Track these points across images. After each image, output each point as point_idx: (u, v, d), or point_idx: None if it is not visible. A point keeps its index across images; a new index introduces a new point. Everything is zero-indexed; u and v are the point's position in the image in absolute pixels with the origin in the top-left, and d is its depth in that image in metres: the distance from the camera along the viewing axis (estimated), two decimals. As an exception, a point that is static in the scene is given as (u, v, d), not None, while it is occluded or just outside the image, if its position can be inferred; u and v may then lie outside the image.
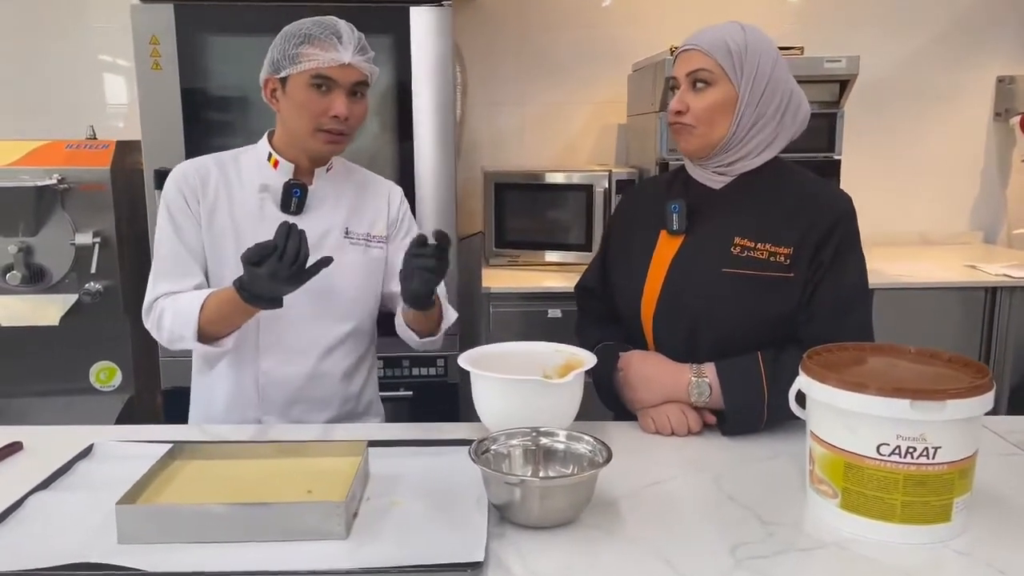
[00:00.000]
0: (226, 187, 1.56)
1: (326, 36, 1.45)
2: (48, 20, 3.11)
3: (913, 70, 3.31)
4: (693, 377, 1.39)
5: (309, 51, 1.44)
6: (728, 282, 1.41)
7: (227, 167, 1.58)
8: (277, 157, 1.56)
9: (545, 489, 1.04)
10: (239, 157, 1.60)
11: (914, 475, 0.99)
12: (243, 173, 1.58)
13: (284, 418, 1.59)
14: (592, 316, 1.67)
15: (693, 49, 1.42)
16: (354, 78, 1.47)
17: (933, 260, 3.06)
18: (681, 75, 1.43)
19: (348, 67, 1.45)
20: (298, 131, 1.50)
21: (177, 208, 1.53)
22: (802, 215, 1.41)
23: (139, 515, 1.01)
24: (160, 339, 1.52)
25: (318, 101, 1.46)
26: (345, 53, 1.44)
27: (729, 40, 1.40)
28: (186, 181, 1.54)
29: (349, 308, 1.61)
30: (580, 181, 2.82)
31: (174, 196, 1.53)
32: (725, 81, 1.39)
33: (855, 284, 1.42)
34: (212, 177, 1.56)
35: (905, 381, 1.02)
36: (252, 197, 1.56)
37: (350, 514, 1.04)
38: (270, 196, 1.55)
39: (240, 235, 1.53)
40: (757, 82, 1.39)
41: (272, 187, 1.55)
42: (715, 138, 1.42)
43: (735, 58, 1.39)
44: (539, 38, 3.26)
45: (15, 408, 2.63)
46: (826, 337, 1.26)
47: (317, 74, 1.44)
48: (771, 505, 1.12)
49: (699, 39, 1.42)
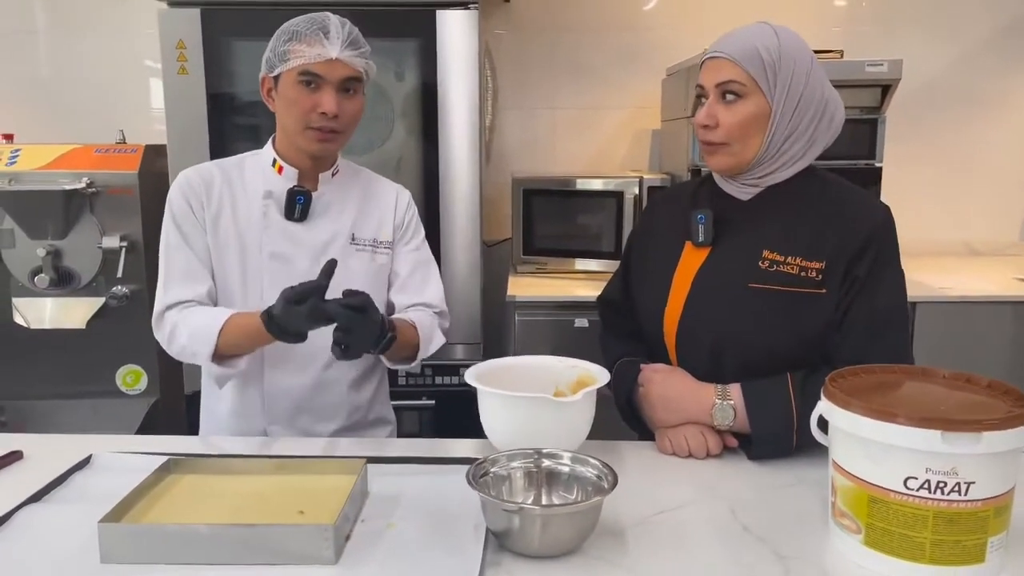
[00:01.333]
0: (230, 193, 1.53)
1: (312, 32, 1.42)
2: (90, 24, 3.14)
3: (958, 75, 3.17)
4: (717, 399, 1.31)
5: (296, 48, 1.42)
6: (755, 298, 1.33)
7: (231, 173, 1.55)
8: (281, 163, 1.53)
9: (546, 517, 0.98)
10: (244, 163, 1.58)
11: (945, 512, 0.91)
12: (247, 179, 1.55)
13: (291, 428, 1.55)
14: (615, 330, 1.60)
15: (722, 57, 1.32)
16: (343, 74, 1.43)
17: (979, 272, 2.92)
18: (709, 84, 1.34)
19: (336, 62, 1.42)
20: (290, 129, 1.48)
21: (182, 215, 1.51)
22: (835, 227, 1.32)
23: (122, 534, 0.97)
24: (170, 350, 1.50)
25: (307, 98, 1.43)
26: (332, 48, 1.41)
27: (761, 48, 1.30)
28: (190, 188, 1.52)
29: None
30: (610, 187, 2.75)
31: (179, 203, 1.51)
32: (757, 93, 1.30)
33: (892, 303, 1.32)
34: (216, 183, 1.53)
35: (936, 410, 0.94)
36: (256, 204, 1.53)
37: (341, 538, 1.00)
38: (274, 203, 1.52)
39: (244, 242, 1.51)
40: (791, 93, 1.30)
41: (276, 193, 1.52)
42: (748, 156, 1.34)
43: (768, 69, 1.29)
44: (571, 41, 3.20)
45: (42, 411, 2.65)
46: (859, 360, 1.16)
47: (304, 70, 1.42)
48: (789, 538, 1.04)
49: (728, 46, 1.32)
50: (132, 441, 1.39)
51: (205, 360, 1.43)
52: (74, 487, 1.19)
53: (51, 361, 2.63)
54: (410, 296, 1.61)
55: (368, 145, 2.42)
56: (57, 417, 2.65)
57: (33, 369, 2.63)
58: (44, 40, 3.17)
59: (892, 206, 1.36)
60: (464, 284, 2.48)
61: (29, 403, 2.65)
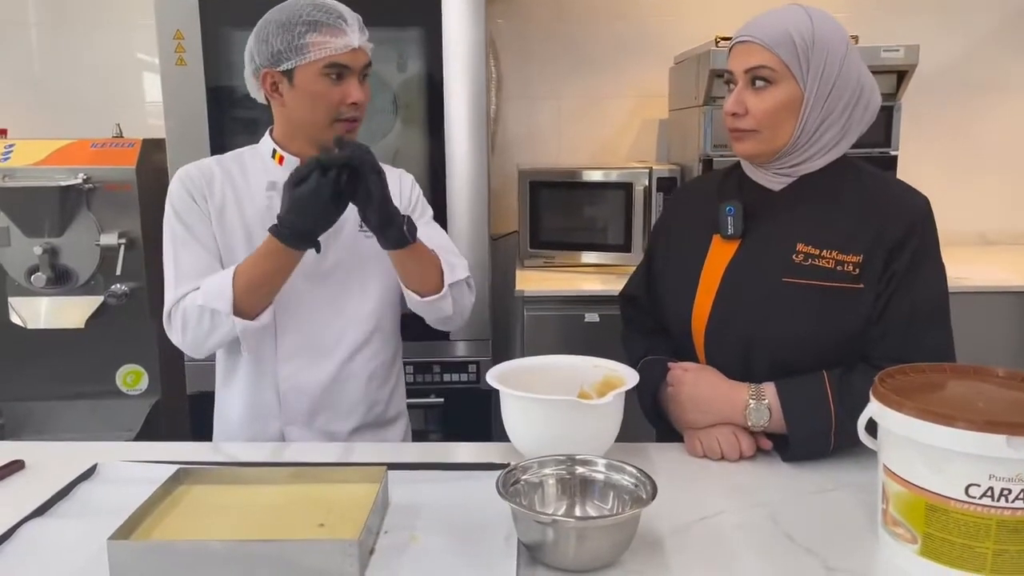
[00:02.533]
0: (232, 187, 1.50)
1: (333, 21, 1.38)
2: (83, 17, 3.06)
3: (976, 60, 3.10)
4: (751, 400, 1.26)
5: (318, 39, 1.36)
6: (789, 292, 1.27)
7: (230, 167, 1.52)
8: (282, 153, 1.49)
9: (581, 530, 0.93)
10: (242, 157, 1.54)
11: (1009, 521, 0.86)
12: (248, 172, 1.52)
13: (308, 429, 1.51)
14: (637, 327, 1.55)
15: (751, 41, 1.26)
16: (364, 61, 1.42)
17: (995, 262, 2.87)
18: (738, 70, 1.28)
19: (359, 51, 1.40)
20: (312, 123, 1.43)
21: (185, 208, 1.47)
22: (873, 219, 1.27)
23: (132, 552, 0.91)
24: (184, 340, 1.42)
25: (333, 90, 1.39)
26: (353, 36, 1.39)
27: (794, 32, 1.24)
28: (192, 182, 1.48)
29: (369, 305, 1.53)
30: (619, 179, 2.69)
31: (182, 197, 1.47)
32: (789, 79, 1.24)
33: (934, 297, 1.27)
34: (217, 178, 1.50)
35: (999, 413, 0.89)
36: (260, 196, 1.49)
37: (365, 553, 0.94)
38: (278, 194, 1.46)
39: (251, 235, 1.47)
40: (825, 79, 1.24)
41: (279, 184, 1.46)
42: (779, 143, 1.28)
43: (801, 54, 1.23)
44: (577, 29, 3.12)
45: (41, 412, 2.59)
46: (899, 358, 1.12)
47: (331, 63, 1.37)
48: (836, 547, 0.99)
49: (759, 30, 1.26)
50: (138, 448, 1.33)
51: (226, 316, 1.35)
52: (79, 499, 1.13)
53: (49, 361, 2.57)
54: None
55: (370, 137, 2.35)
56: (56, 419, 2.59)
57: (31, 370, 2.57)
58: (36, 33, 3.09)
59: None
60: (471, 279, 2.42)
61: (28, 405, 2.59)
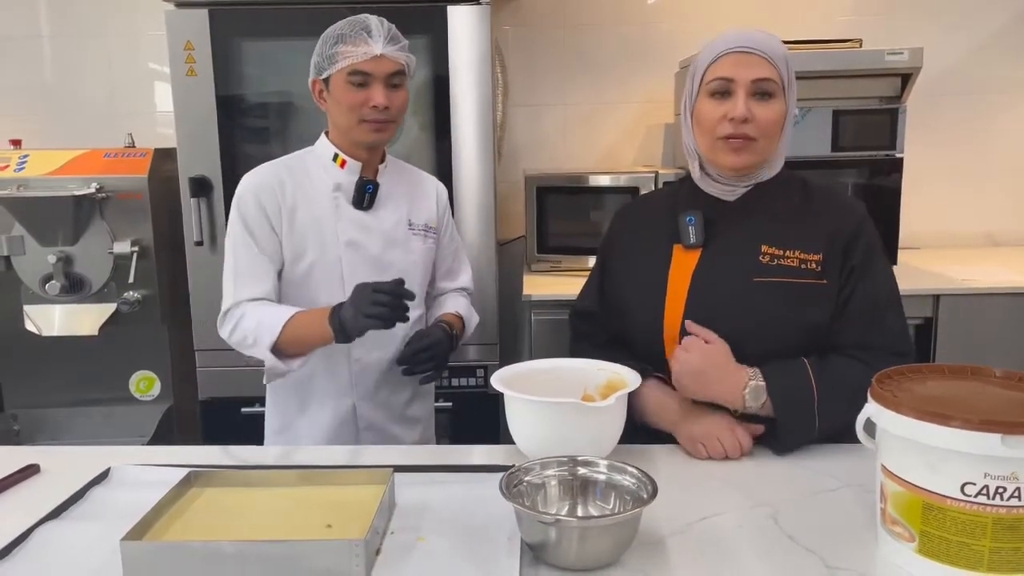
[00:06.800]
0: (300, 189, 1.62)
1: (356, 33, 1.52)
2: (94, 28, 3.11)
3: (980, 63, 3.10)
4: (751, 380, 1.28)
5: (343, 49, 1.51)
6: (761, 291, 1.34)
7: (295, 170, 1.63)
8: (344, 157, 1.62)
9: (584, 529, 0.94)
10: (304, 159, 1.66)
11: (1004, 519, 0.87)
12: (312, 174, 1.64)
13: (372, 402, 1.67)
14: (592, 342, 1.55)
15: (755, 53, 1.32)
16: (389, 68, 1.52)
17: (1002, 263, 2.86)
18: (743, 79, 1.31)
19: (381, 58, 1.51)
20: (345, 125, 1.57)
21: (253, 218, 1.58)
22: (825, 220, 1.37)
23: (145, 552, 0.94)
24: (231, 339, 1.57)
25: (357, 95, 1.52)
26: (376, 45, 1.50)
27: (784, 52, 1.35)
28: (263, 190, 1.59)
29: (418, 294, 1.68)
30: (625, 183, 2.71)
31: (251, 206, 1.58)
32: (782, 94, 1.35)
33: (889, 288, 1.38)
34: (287, 182, 1.61)
35: (994, 412, 0.90)
36: (326, 196, 1.62)
37: (371, 553, 0.96)
38: (343, 194, 1.62)
39: (322, 232, 1.61)
40: (793, 94, 1.37)
41: (344, 185, 1.62)
42: (767, 154, 1.37)
43: (789, 73, 1.35)
44: (582, 35, 3.15)
45: (55, 419, 2.63)
46: (863, 345, 1.30)
47: (353, 70, 1.51)
48: (836, 546, 1.00)
49: (761, 43, 1.33)
50: (149, 452, 1.35)
51: (265, 349, 1.50)
52: (93, 502, 1.16)
53: (63, 369, 2.61)
54: (451, 282, 1.82)
55: (379, 144, 2.38)
56: (70, 425, 2.63)
57: (45, 377, 2.61)
58: (48, 44, 3.13)
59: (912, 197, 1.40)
60: (479, 285, 2.42)
61: (42, 411, 2.63)
